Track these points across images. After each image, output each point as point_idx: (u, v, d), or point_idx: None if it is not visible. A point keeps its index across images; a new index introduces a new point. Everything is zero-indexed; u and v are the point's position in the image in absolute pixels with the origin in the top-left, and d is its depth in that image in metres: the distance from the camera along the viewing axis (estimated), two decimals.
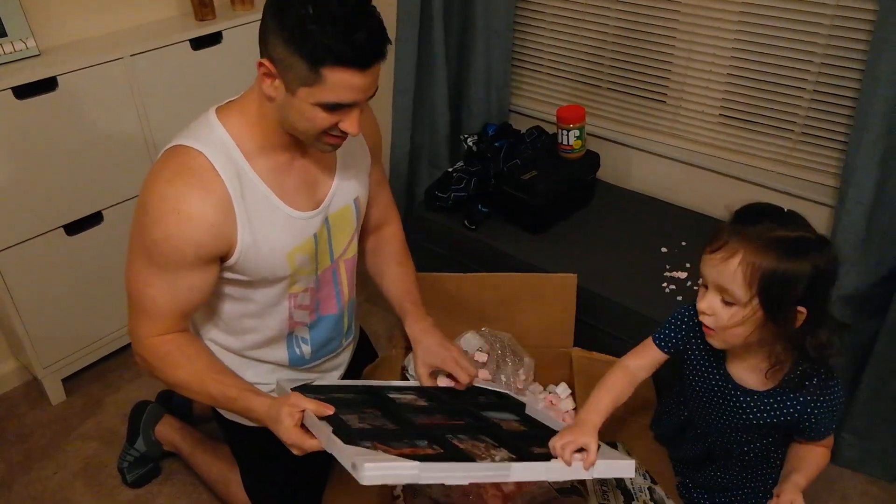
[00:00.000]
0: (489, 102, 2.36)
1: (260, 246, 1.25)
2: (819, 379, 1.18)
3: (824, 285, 1.09)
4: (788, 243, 1.06)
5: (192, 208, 1.16)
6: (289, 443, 1.16)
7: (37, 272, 1.96)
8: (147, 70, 2.02)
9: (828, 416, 1.21)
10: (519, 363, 1.66)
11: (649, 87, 2.12)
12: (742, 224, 1.11)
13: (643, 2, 2.01)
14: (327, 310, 1.47)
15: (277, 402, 1.18)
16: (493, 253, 1.96)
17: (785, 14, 1.77)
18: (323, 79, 1.10)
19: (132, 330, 1.28)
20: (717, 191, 2.05)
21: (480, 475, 1.05)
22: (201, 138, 1.21)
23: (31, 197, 1.88)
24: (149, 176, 1.21)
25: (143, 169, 2.08)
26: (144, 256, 1.20)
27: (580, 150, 2.09)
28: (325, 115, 1.15)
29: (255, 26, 2.32)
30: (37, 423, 2.08)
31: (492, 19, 2.21)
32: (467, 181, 2.09)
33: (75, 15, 2.06)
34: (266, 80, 1.15)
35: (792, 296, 1.08)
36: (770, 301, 1.08)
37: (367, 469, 0.95)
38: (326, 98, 1.12)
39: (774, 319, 1.10)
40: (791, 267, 1.06)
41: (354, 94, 1.13)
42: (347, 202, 1.40)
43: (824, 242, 1.10)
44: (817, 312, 1.10)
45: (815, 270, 1.06)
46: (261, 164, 1.24)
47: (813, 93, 1.81)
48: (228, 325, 1.39)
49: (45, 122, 1.85)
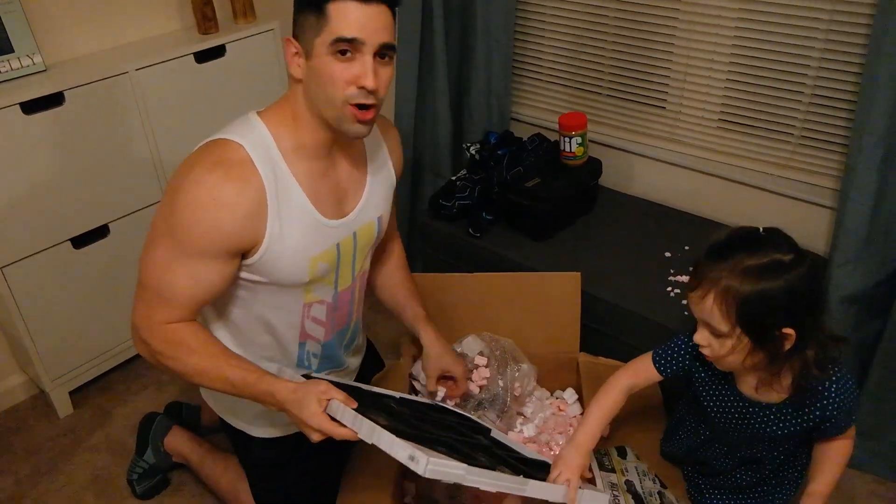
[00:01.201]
0: (490, 111, 2.37)
1: (285, 246, 1.26)
2: (830, 381, 1.19)
3: (807, 304, 1.10)
4: (759, 270, 1.08)
5: (228, 197, 1.18)
6: (315, 426, 1.15)
7: (44, 285, 1.97)
8: (152, 83, 2.04)
9: (845, 412, 1.22)
10: (518, 370, 1.67)
11: (649, 94, 2.13)
12: (713, 261, 1.13)
13: (641, 9, 2.03)
14: (339, 326, 1.49)
15: (304, 387, 1.18)
16: (497, 260, 1.98)
17: (782, 19, 1.79)
18: (328, 17, 1.15)
19: (142, 317, 1.26)
20: (719, 195, 2.07)
21: (506, 486, 1.13)
22: (242, 133, 1.23)
23: (38, 211, 1.90)
24: (185, 164, 1.22)
25: (149, 181, 2.12)
26: (170, 241, 1.21)
27: (582, 156, 2.10)
28: (340, 67, 1.17)
29: (258, 39, 2.36)
30: (45, 436, 2.08)
31: (491, 29, 2.23)
32: (471, 189, 2.10)
33: (81, 30, 2.08)
34: (293, 62, 1.21)
35: (772, 320, 1.10)
36: (752, 329, 1.11)
37: (431, 463, 1.03)
38: (332, 35, 1.15)
39: (762, 345, 1.13)
40: (763, 294, 1.08)
41: (358, 27, 1.15)
42: (372, 219, 1.43)
43: (800, 261, 1.10)
44: (806, 331, 1.11)
45: (790, 292, 1.08)
46: (297, 165, 1.26)
47: (811, 96, 1.83)
48: (238, 333, 1.40)
49: (51, 136, 1.87)
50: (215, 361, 1.24)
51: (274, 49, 2.31)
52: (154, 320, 1.25)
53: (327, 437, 1.17)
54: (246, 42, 2.23)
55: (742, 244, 1.12)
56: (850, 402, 1.21)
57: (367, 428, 1.10)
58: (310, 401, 1.15)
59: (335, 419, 1.15)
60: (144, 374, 2.28)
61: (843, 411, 1.21)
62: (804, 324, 1.11)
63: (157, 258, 1.23)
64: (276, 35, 2.29)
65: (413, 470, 1.04)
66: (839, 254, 1.72)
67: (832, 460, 1.29)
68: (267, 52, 2.30)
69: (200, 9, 2.18)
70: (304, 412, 1.15)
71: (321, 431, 1.15)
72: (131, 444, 1.94)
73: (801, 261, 1.09)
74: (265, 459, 1.56)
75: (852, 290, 1.73)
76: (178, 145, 2.14)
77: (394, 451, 1.06)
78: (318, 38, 1.16)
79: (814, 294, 1.12)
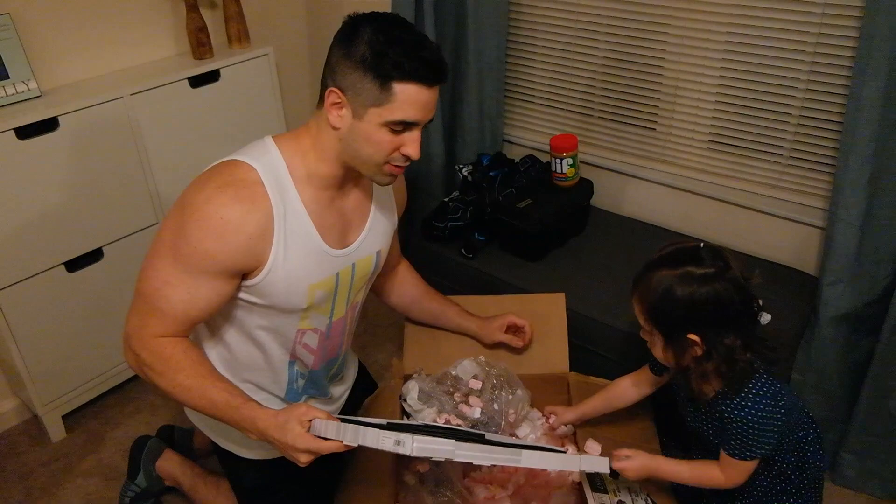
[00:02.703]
0: (483, 133, 2.40)
1: (287, 270, 1.27)
2: (734, 400, 1.25)
3: (710, 316, 1.21)
4: (671, 278, 1.23)
5: (235, 217, 1.19)
6: (301, 447, 1.15)
7: (37, 309, 1.97)
8: (146, 108, 2.05)
9: (739, 439, 1.25)
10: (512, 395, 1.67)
11: (639, 115, 2.16)
12: (645, 269, 1.29)
13: (631, 33, 2.06)
14: (329, 355, 1.50)
15: (285, 411, 1.18)
16: (490, 280, 1.98)
17: (769, 42, 1.82)
18: (393, 95, 1.16)
19: (135, 328, 1.26)
20: (710, 215, 2.08)
21: (500, 458, 1.17)
22: (256, 157, 1.25)
23: (32, 235, 1.90)
24: (196, 181, 1.24)
25: (144, 205, 2.13)
26: (172, 255, 1.22)
27: (574, 177, 2.12)
28: (389, 138, 1.20)
29: (252, 64, 2.38)
30: (37, 460, 2.07)
31: (483, 53, 2.26)
32: (463, 210, 2.12)
33: (76, 56, 2.10)
34: (333, 111, 1.22)
35: (675, 322, 1.24)
36: (660, 326, 1.27)
37: (418, 441, 1.07)
38: (394, 115, 1.18)
39: (669, 343, 1.27)
40: (668, 297, 1.22)
41: (421, 110, 1.19)
42: (371, 252, 1.44)
43: (713, 277, 1.20)
44: (711, 338, 1.22)
45: (692, 300, 1.20)
46: (307, 193, 1.28)
47: (799, 117, 1.85)
48: (228, 352, 1.40)
49: (46, 161, 1.88)
50: (201, 381, 1.24)
51: (268, 74, 2.34)
52: (146, 332, 1.25)
53: (316, 458, 1.17)
54: (240, 67, 2.25)
55: (669, 256, 1.27)
56: (745, 430, 1.24)
57: (351, 432, 1.11)
58: (292, 424, 1.15)
59: (320, 437, 1.15)
60: (138, 397, 2.27)
61: (737, 436, 1.26)
62: (708, 335, 1.22)
63: (158, 269, 1.23)
64: (270, 60, 2.32)
65: (402, 454, 1.07)
66: (829, 273, 1.73)
67: (699, 466, 1.34)
68: (261, 76, 2.32)
69: (195, 34, 2.20)
70: (288, 435, 1.15)
71: (308, 450, 1.15)
72: (124, 468, 1.93)
73: (714, 278, 1.20)
74: (256, 482, 1.55)
75: (843, 309, 1.74)
76: (172, 169, 2.15)
77: (380, 444, 1.08)
78: (375, 109, 1.19)
79: (721, 309, 1.20)
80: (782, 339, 1.40)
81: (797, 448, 1.35)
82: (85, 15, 2.09)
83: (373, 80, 1.17)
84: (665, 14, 1.97)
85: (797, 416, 1.35)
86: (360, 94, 1.18)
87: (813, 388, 1.86)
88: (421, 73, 1.16)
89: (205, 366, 1.27)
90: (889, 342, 1.67)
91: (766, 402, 1.24)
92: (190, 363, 1.25)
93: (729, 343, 1.21)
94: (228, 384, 1.26)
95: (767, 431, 1.24)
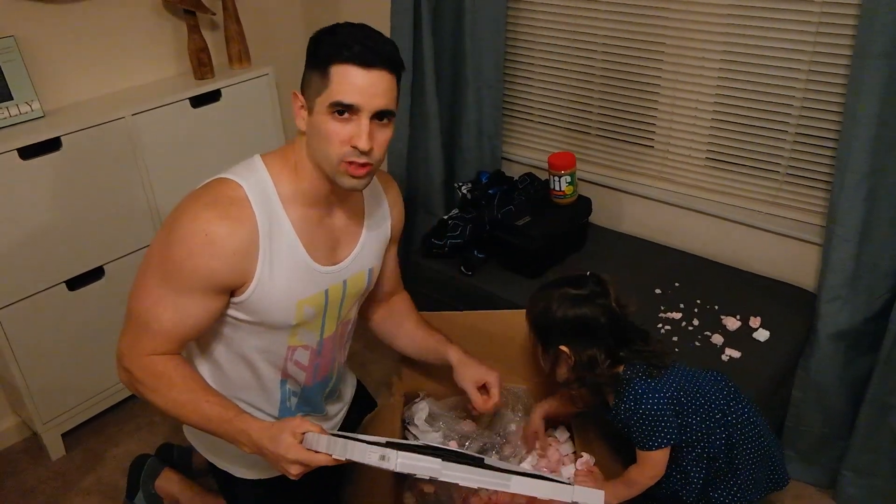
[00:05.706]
0: (482, 151, 2.41)
1: (274, 287, 1.28)
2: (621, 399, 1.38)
3: (580, 331, 1.37)
4: (551, 296, 1.40)
5: (220, 234, 1.20)
6: (292, 458, 1.15)
7: (38, 327, 1.98)
8: (148, 128, 2.07)
9: (636, 425, 1.37)
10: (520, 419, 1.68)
11: (637, 133, 2.17)
12: (532, 293, 1.47)
13: (628, 51, 2.08)
14: (323, 373, 1.50)
15: (279, 423, 1.19)
16: (489, 297, 1.99)
17: (765, 59, 1.83)
18: (330, 78, 1.18)
19: (127, 346, 1.27)
20: (708, 232, 2.09)
21: (488, 481, 1.15)
22: (244, 175, 1.27)
23: (33, 253, 1.92)
24: (186, 198, 1.26)
25: (145, 224, 2.14)
26: (160, 273, 1.23)
27: (572, 195, 2.13)
28: (336, 128, 1.20)
29: (253, 84, 2.40)
30: (37, 479, 2.07)
31: (482, 72, 2.28)
32: (462, 228, 2.13)
33: (78, 77, 2.13)
34: (298, 114, 1.26)
35: (547, 333, 1.41)
36: (541, 341, 1.44)
37: (400, 457, 1.06)
38: (332, 97, 1.18)
39: (547, 354, 1.44)
40: (544, 312, 1.40)
41: (358, 93, 1.18)
42: (363, 269, 1.45)
43: (586, 301, 1.37)
44: (578, 351, 1.37)
45: (563, 317, 1.37)
46: (294, 211, 1.29)
47: (795, 135, 1.86)
48: (218, 369, 1.41)
49: (48, 180, 1.90)
50: (194, 396, 1.25)
51: (268, 94, 2.36)
52: (138, 350, 1.26)
53: (307, 473, 1.17)
54: (241, 87, 2.27)
55: (559, 279, 1.47)
56: (641, 423, 1.36)
57: (340, 446, 1.11)
58: (285, 435, 1.16)
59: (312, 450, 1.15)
60: (137, 414, 2.27)
61: (637, 430, 1.37)
62: (576, 348, 1.37)
63: (147, 288, 1.25)
64: (270, 80, 2.34)
65: (387, 469, 1.06)
66: (827, 290, 1.73)
67: (626, 474, 1.43)
68: (262, 96, 2.35)
69: (196, 55, 2.23)
70: (281, 446, 1.16)
71: (298, 461, 1.15)
72: (123, 486, 1.93)
73: (586, 300, 1.38)
74: (252, 502, 1.55)
75: (841, 325, 1.73)
76: (173, 188, 2.17)
77: (366, 459, 1.07)
78: (319, 97, 1.20)
79: (586, 327, 1.36)
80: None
81: (719, 431, 1.40)
82: (87, 36, 2.12)
83: (315, 69, 1.20)
84: (661, 32, 1.99)
85: (701, 401, 1.40)
86: (310, 87, 1.22)
87: (813, 405, 1.85)
88: (356, 54, 1.17)
89: (197, 381, 1.28)
90: (889, 358, 1.67)
91: (648, 395, 1.36)
92: (182, 379, 1.26)
93: (591, 355, 1.36)
94: (221, 398, 1.27)
95: (662, 420, 1.35)
